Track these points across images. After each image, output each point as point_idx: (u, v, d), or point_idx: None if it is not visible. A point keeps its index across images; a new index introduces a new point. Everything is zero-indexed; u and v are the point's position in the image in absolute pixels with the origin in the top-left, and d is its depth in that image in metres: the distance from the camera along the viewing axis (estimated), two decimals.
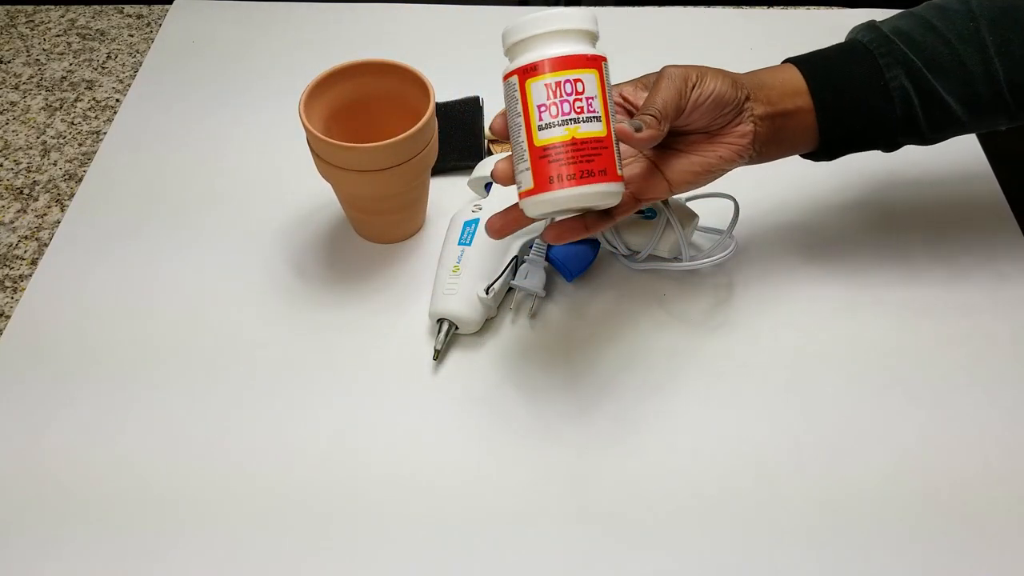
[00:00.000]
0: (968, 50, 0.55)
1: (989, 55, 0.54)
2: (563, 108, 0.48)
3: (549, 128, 0.48)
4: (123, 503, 0.55)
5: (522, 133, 0.49)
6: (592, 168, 0.48)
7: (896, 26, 0.57)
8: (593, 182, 0.48)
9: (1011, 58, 0.54)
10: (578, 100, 0.48)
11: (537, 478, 0.56)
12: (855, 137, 0.58)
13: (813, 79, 0.55)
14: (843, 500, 0.54)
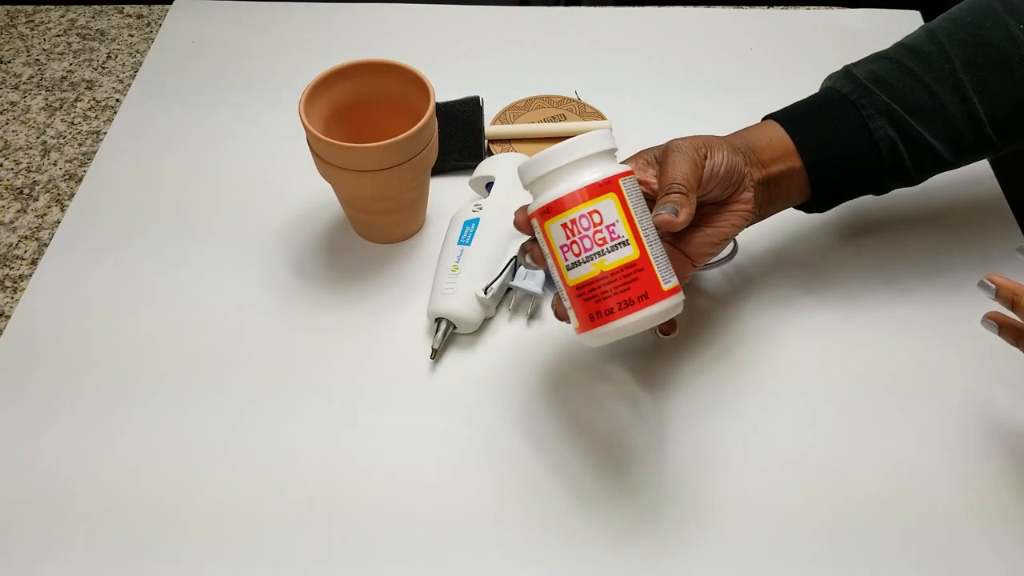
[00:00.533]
0: (946, 92, 0.55)
1: (968, 95, 0.55)
2: (584, 244, 0.46)
3: (577, 267, 0.47)
4: (123, 505, 0.55)
5: (556, 273, 0.49)
6: (631, 296, 0.46)
7: (872, 72, 0.57)
8: (634, 311, 0.46)
9: (990, 95, 0.55)
10: (598, 232, 0.46)
11: (536, 478, 0.56)
12: (845, 188, 0.58)
13: (799, 137, 0.55)
14: (840, 506, 0.54)
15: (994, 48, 0.55)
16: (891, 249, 0.68)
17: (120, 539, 0.53)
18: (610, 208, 0.46)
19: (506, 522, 0.54)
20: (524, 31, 0.87)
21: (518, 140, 0.75)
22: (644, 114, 0.78)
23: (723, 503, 0.55)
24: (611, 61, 0.84)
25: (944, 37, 0.56)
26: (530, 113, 0.77)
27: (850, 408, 0.59)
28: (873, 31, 0.84)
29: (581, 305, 0.48)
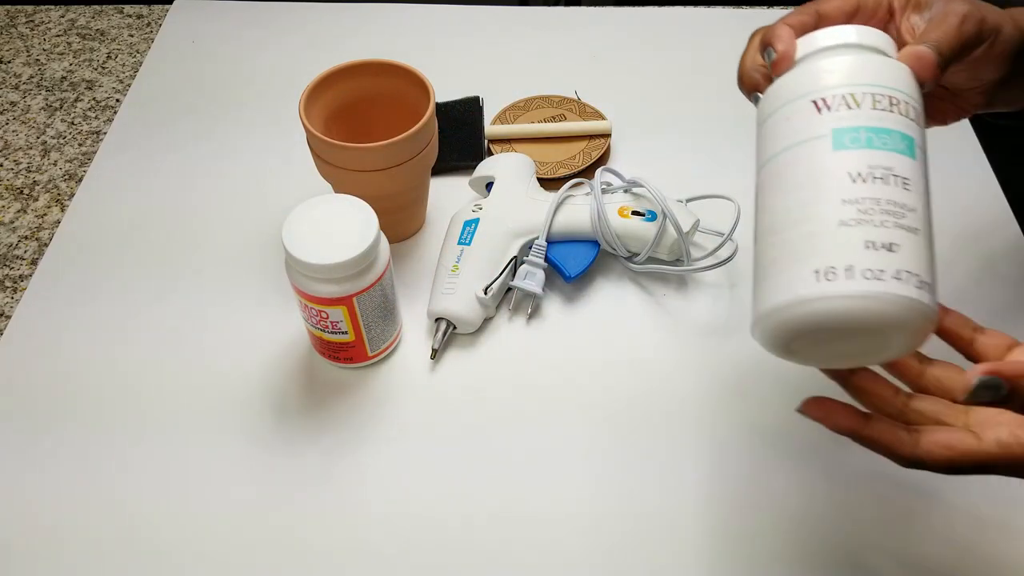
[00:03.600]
0: None
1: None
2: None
3: None
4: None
5: None
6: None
7: None
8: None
9: None
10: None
11: (536, 478, 0.56)
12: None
13: None
14: None
15: None
16: None
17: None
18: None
19: (506, 522, 0.54)
20: (524, 31, 0.87)
21: (518, 140, 0.75)
22: (644, 114, 0.78)
23: (730, 501, 0.55)
24: (611, 61, 0.84)
25: None
26: (530, 113, 0.77)
27: None
28: None
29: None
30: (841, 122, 0.37)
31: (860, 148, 0.37)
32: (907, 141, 0.37)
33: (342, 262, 0.52)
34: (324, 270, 0.52)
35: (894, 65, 0.40)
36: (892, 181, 0.36)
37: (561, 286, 0.65)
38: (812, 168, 0.37)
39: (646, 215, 0.63)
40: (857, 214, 0.35)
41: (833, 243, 0.35)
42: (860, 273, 0.34)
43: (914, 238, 0.35)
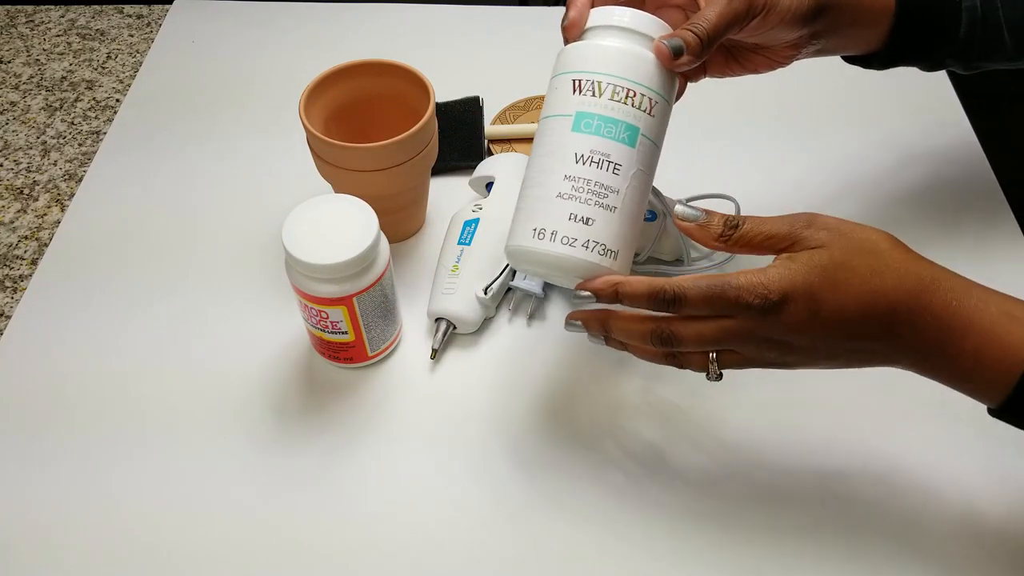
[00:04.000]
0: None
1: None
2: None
3: None
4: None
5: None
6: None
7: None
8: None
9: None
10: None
11: (537, 478, 0.56)
12: (916, 46, 0.56)
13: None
14: (840, 500, 0.55)
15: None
16: None
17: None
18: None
19: (505, 522, 0.54)
20: (524, 31, 0.87)
21: (518, 140, 0.75)
22: None
23: (732, 499, 0.55)
24: None
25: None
26: (530, 113, 0.77)
27: (847, 405, 0.59)
28: None
29: None
30: (584, 107, 0.47)
31: (590, 134, 0.46)
32: (631, 131, 0.47)
33: (342, 262, 0.52)
34: (324, 270, 0.52)
35: (644, 59, 0.47)
36: (606, 166, 0.46)
37: (562, 287, 0.65)
38: (554, 142, 0.47)
39: (646, 215, 0.63)
40: (571, 191, 0.46)
41: (549, 210, 0.47)
42: (560, 239, 0.46)
43: (609, 215, 0.47)
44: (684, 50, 0.46)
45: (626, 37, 0.48)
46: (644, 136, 0.47)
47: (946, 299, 0.44)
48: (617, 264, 0.47)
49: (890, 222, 0.69)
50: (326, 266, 0.52)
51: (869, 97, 0.77)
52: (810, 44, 0.53)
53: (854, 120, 0.77)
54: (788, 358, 0.45)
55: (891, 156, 0.74)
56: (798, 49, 0.53)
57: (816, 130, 0.77)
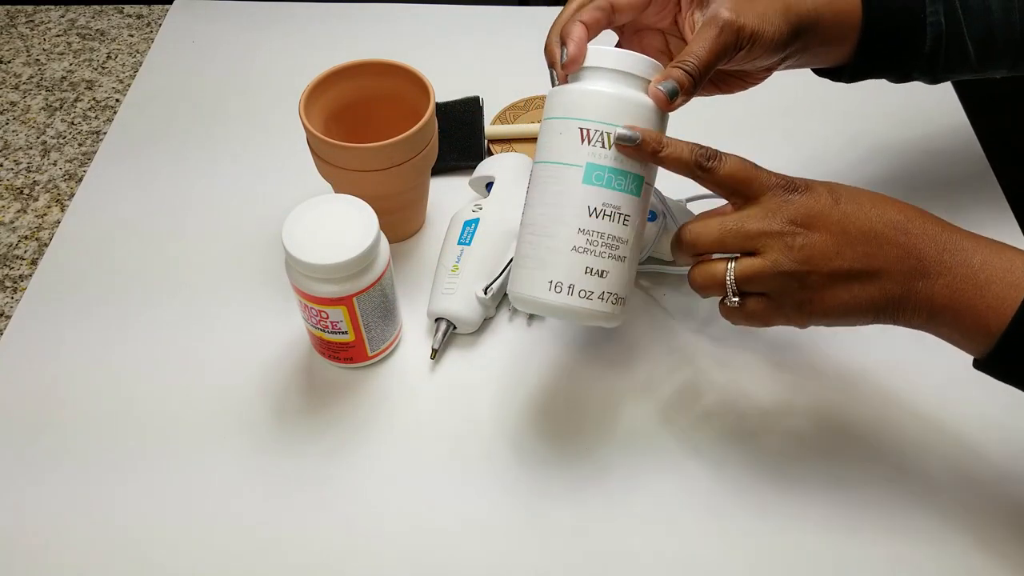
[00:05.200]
0: (996, 3, 0.55)
1: (1013, 5, 0.55)
2: None
3: None
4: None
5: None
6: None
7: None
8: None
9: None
10: None
11: (536, 478, 0.56)
12: (883, 61, 0.57)
13: (868, 14, 0.54)
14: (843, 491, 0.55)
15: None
16: None
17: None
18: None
19: (506, 521, 0.54)
20: (524, 31, 0.87)
21: (518, 140, 0.75)
22: None
23: (731, 496, 0.55)
24: None
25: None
26: (530, 113, 0.77)
27: (849, 404, 0.59)
28: None
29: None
30: (594, 158, 0.47)
31: (602, 187, 0.47)
32: (637, 181, 0.48)
33: (342, 262, 0.52)
34: (324, 270, 0.52)
35: (645, 106, 0.48)
36: (617, 218, 0.48)
37: None
38: (565, 191, 0.48)
39: None
40: (586, 244, 0.47)
41: (565, 263, 0.48)
42: (577, 292, 0.48)
43: (621, 266, 0.48)
44: (679, 92, 0.47)
45: (625, 82, 0.48)
46: (647, 184, 0.48)
47: (951, 227, 0.47)
48: (624, 310, 0.50)
49: None
50: (326, 266, 0.52)
51: (869, 97, 0.77)
52: (782, 64, 0.54)
53: (853, 119, 0.77)
54: (808, 278, 0.45)
55: (891, 156, 0.74)
56: (771, 71, 0.54)
57: (815, 129, 0.77)
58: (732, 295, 0.47)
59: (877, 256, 0.45)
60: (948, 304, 0.45)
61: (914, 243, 0.45)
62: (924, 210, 0.47)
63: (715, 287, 0.48)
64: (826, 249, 0.45)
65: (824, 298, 0.46)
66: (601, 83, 0.48)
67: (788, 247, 0.45)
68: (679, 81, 0.47)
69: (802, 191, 0.46)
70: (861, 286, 0.45)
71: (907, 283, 0.45)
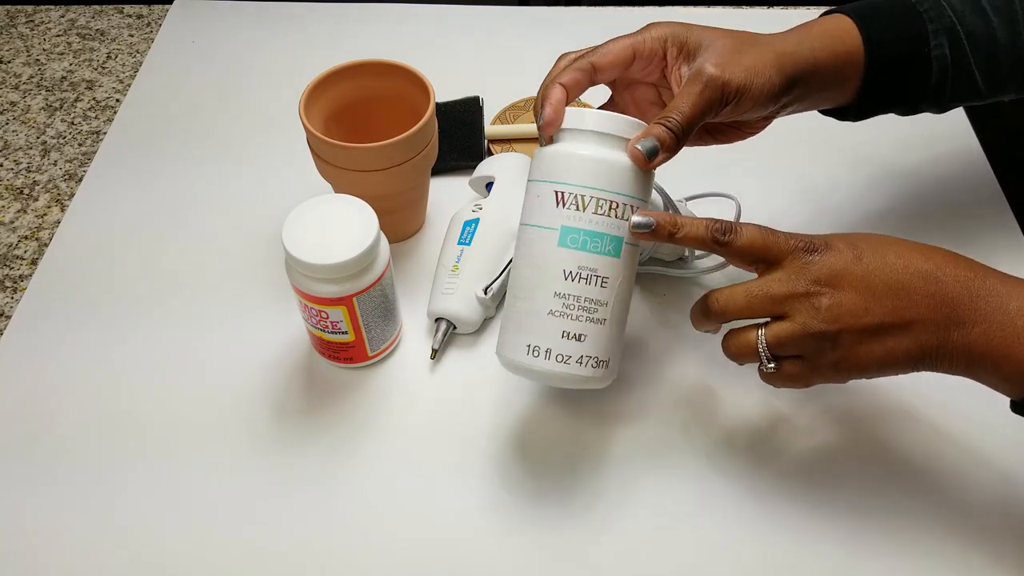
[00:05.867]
0: (1002, 21, 0.54)
1: (1018, 29, 0.54)
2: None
3: None
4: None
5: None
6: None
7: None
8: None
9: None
10: None
11: (534, 476, 0.56)
12: (885, 102, 0.56)
13: (870, 54, 0.53)
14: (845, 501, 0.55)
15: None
16: None
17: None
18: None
19: (506, 521, 0.54)
20: (524, 31, 0.87)
21: (518, 140, 0.75)
22: None
23: (731, 497, 0.55)
24: None
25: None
26: (529, 113, 0.77)
27: (852, 411, 0.59)
28: None
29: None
30: (569, 221, 0.47)
31: (577, 249, 0.47)
32: (616, 243, 0.47)
33: (342, 262, 0.52)
34: (324, 270, 0.52)
35: (624, 167, 0.47)
36: (594, 281, 0.47)
37: None
38: (542, 254, 0.48)
39: None
40: (562, 308, 0.47)
41: (541, 327, 0.48)
42: (555, 356, 0.48)
43: (600, 328, 0.48)
44: (659, 150, 0.47)
45: (604, 143, 0.47)
46: (628, 244, 0.48)
47: (984, 271, 0.46)
48: (609, 372, 0.50)
49: (889, 221, 0.70)
50: (326, 266, 0.52)
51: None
52: (782, 112, 0.53)
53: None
54: (839, 337, 0.45)
55: (890, 156, 0.74)
56: (770, 120, 0.54)
57: (815, 128, 0.77)
58: (767, 361, 0.47)
59: (907, 308, 0.44)
60: (986, 352, 0.44)
61: (946, 291, 0.45)
62: (955, 254, 0.46)
63: (749, 355, 0.48)
64: (854, 307, 0.45)
65: (859, 354, 0.45)
66: (578, 145, 0.48)
67: (815, 308, 0.45)
68: (660, 139, 0.47)
69: (822, 250, 0.46)
70: (895, 339, 0.45)
71: (942, 333, 0.45)
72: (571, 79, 0.49)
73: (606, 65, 0.50)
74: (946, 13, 0.54)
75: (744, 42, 0.50)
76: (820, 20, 0.55)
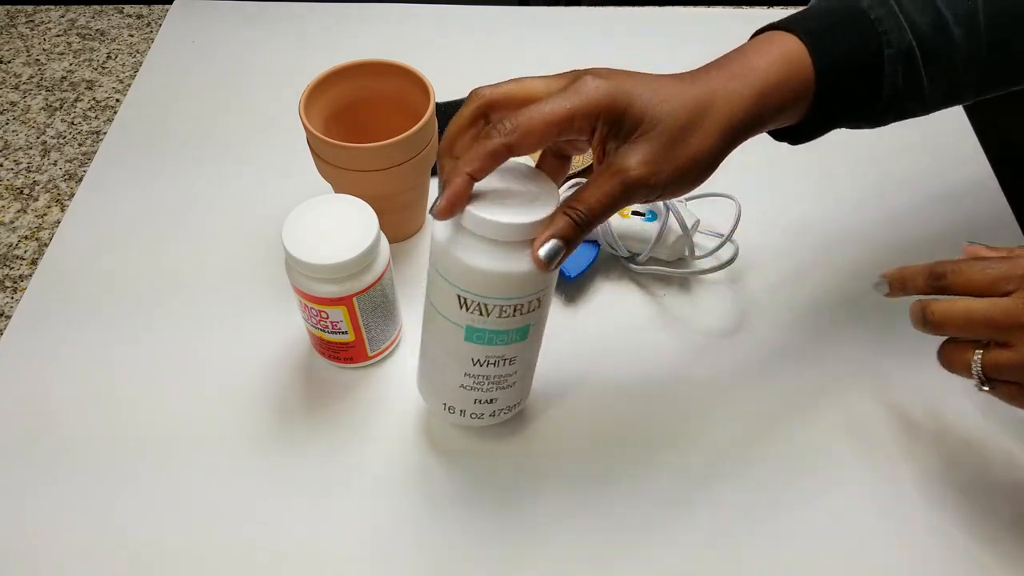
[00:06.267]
0: (962, 32, 0.48)
1: (979, 40, 0.49)
2: None
3: None
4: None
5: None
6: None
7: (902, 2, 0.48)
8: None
9: (999, 37, 0.49)
10: None
11: (533, 476, 0.56)
12: (827, 125, 0.51)
13: (820, 59, 0.47)
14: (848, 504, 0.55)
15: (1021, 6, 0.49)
16: (890, 250, 0.68)
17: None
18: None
19: (505, 521, 0.54)
20: (524, 31, 0.87)
21: None
22: None
23: (729, 499, 0.55)
24: (611, 61, 0.84)
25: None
26: None
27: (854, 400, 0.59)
28: None
29: None
30: (474, 323, 0.47)
31: (483, 344, 0.48)
32: (523, 330, 0.48)
33: (342, 262, 0.52)
34: (324, 270, 0.52)
35: (526, 272, 0.44)
36: (503, 363, 0.49)
37: (561, 286, 0.65)
38: (451, 341, 0.49)
39: (646, 215, 0.63)
40: (473, 383, 0.50)
41: (455, 395, 0.52)
42: (469, 415, 0.53)
43: (509, 390, 0.52)
44: (560, 252, 0.43)
45: (504, 250, 0.44)
46: (534, 326, 0.48)
47: None
48: (522, 403, 0.55)
49: (889, 221, 0.70)
50: (326, 266, 0.52)
51: None
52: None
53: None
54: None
55: (890, 155, 0.74)
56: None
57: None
58: (980, 383, 0.46)
59: None
60: None
61: None
62: None
63: (963, 371, 0.47)
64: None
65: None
66: (476, 254, 0.44)
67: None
68: (564, 236, 0.42)
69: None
70: None
71: None
72: (480, 167, 0.42)
73: (525, 150, 0.43)
74: (905, 32, 0.47)
75: (693, 118, 0.44)
76: (771, 45, 0.48)
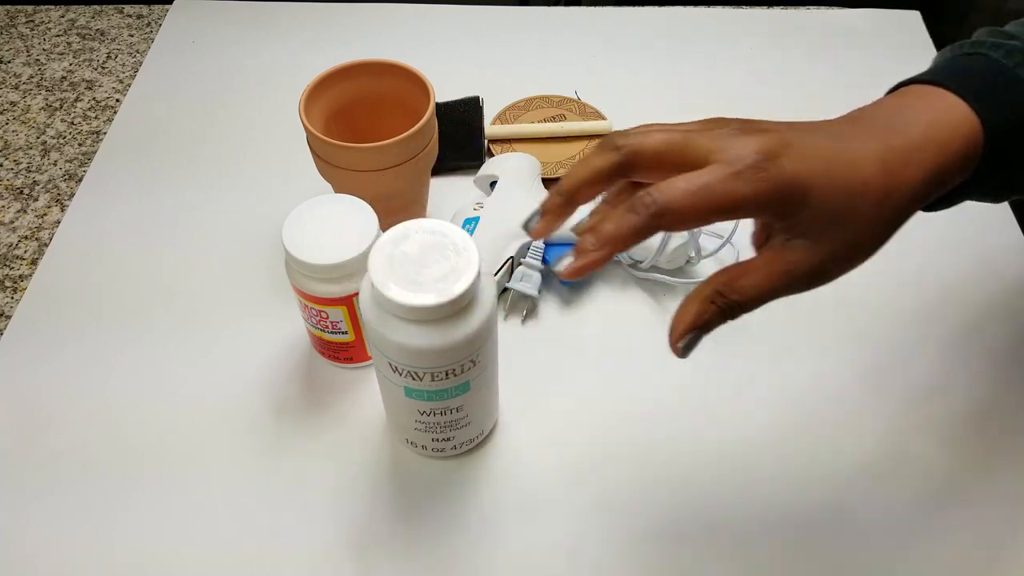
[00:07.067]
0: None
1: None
2: None
3: None
4: None
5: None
6: None
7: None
8: None
9: None
10: None
11: (532, 476, 0.56)
12: (987, 194, 0.47)
13: (987, 115, 0.41)
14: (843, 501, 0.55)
15: None
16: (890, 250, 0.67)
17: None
18: None
19: (505, 521, 0.54)
20: (524, 31, 0.87)
21: (518, 140, 0.75)
22: (644, 114, 0.77)
23: (730, 502, 0.55)
24: (611, 61, 0.84)
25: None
26: (530, 113, 0.77)
27: (854, 400, 0.59)
28: (873, 31, 0.84)
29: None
30: (410, 384, 0.48)
31: (424, 400, 0.49)
32: (463, 386, 0.49)
33: (342, 262, 0.52)
34: (324, 270, 0.52)
35: (451, 347, 0.45)
36: (449, 413, 0.51)
37: (559, 289, 0.65)
38: (395, 395, 0.50)
39: None
40: (426, 428, 0.52)
41: (414, 434, 0.53)
42: (431, 449, 0.55)
43: (464, 428, 0.53)
44: (699, 340, 0.41)
45: (431, 325, 0.44)
46: (475, 379, 0.49)
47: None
48: (488, 428, 0.56)
49: None
50: (326, 266, 0.52)
51: (868, 95, 0.77)
52: None
53: None
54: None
55: None
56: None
57: None
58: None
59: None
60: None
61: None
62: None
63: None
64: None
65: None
66: (400, 332, 0.45)
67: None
68: (707, 328, 0.42)
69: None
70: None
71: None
72: (622, 247, 0.39)
73: (676, 229, 0.41)
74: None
75: (875, 216, 0.42)
76: (935, 108, 0.43)
